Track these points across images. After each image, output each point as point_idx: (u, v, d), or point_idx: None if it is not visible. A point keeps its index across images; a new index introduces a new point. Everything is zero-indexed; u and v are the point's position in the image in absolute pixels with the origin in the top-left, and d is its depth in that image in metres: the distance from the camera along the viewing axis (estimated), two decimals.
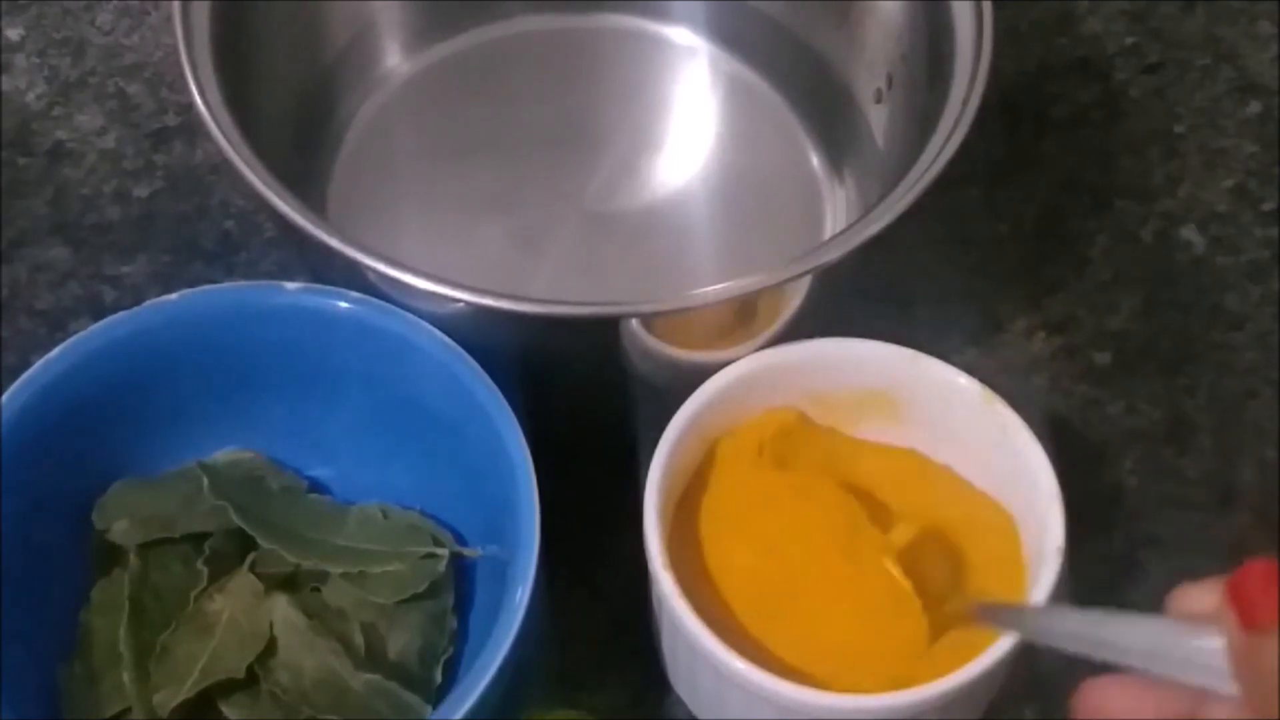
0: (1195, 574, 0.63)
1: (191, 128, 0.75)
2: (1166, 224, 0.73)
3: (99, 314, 0.63)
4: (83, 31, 0.79)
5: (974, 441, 0.58)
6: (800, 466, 0.59)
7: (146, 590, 0.57)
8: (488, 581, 0.59)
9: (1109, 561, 0.64)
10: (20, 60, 0.78)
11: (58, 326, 0.70)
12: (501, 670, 0.51)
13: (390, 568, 0.58)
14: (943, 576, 0.57)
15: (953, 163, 0.58)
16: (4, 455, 0.56)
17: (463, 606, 0.59)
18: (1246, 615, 0.40)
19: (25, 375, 0.57)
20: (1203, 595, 0.43)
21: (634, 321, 0.56)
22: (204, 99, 0.59)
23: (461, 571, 0.60)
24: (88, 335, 0.58)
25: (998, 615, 0.53)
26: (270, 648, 0.56)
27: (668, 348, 0.58)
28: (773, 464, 0.58)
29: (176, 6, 0.61)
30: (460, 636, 0.59)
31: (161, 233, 0.73)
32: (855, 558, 0.56)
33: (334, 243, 0.56)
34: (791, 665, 0.55)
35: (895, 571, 0.55)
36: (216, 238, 0.73)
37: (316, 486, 0.63)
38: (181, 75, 0.60)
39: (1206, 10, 0.80)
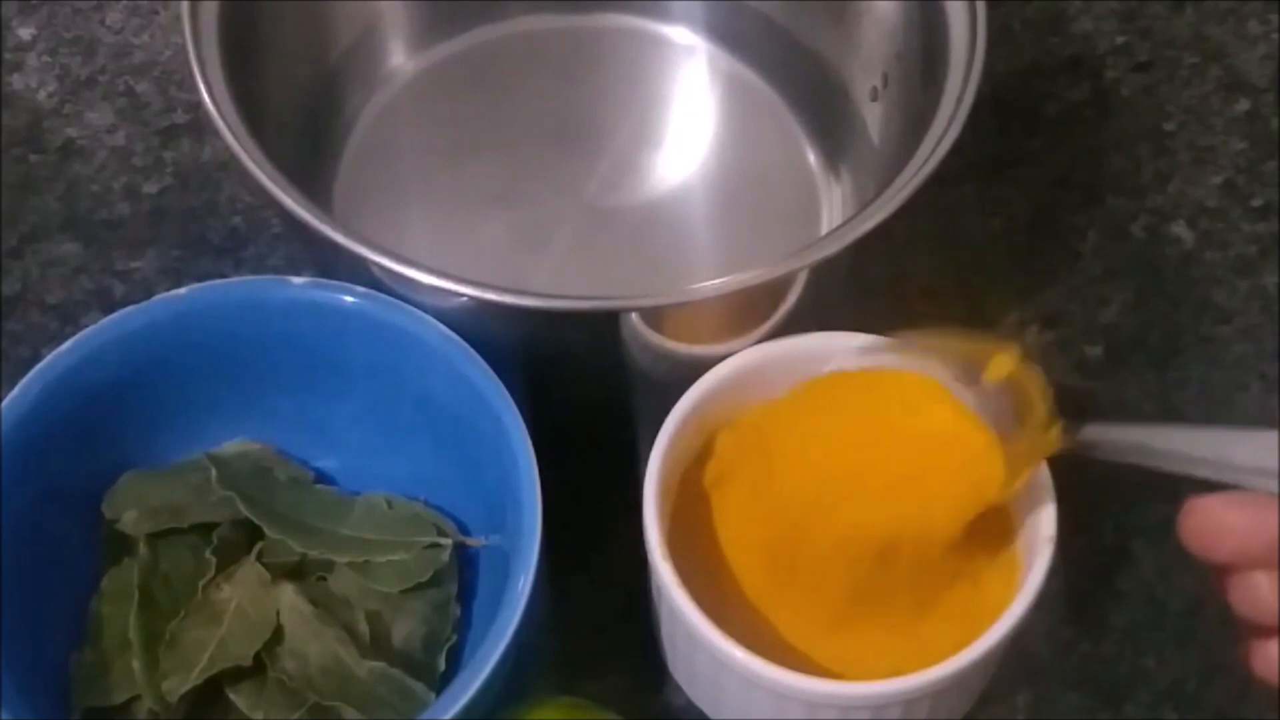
0: (1185, 564, 0.63)
1: (200, 125, 0.75)
2: (1156, 220, 0.74)
3: (109, 308, 0.63)
4: (93, 31, 0.79)
5: None
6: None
7: (155, 579, 0.58)
8: (490, 570, 0.59)
9: (1100, 551, 0.65)
10: (32, 59, 0.78)
11: (68, 320, 0.70)
12: (504, 658, 0.52)
13: (395, 557, 0.58)
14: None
15: (946, 160, 0.58)
16: (16, 447, 0.56)
17: (466, 595, 0.60)
18: None
19: (36, 368, 0.57)
20: None
21: (634, 315, 0.56)
22: (212, 97, 0.60)
23: (465, 560, 0.60)
24: (98, 329, 0.59)
25: (1098, 444, 0.53)
26: (277, 636, 0.57)
27: (667, 341, 0.58)
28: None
29: (185, 6, 0.61)
30: (464, 624, 0.59)
31: (170, 228, 0.73)
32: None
33: (339, 238, 0.56)
34: (791, 652, 0.56)
35: None
36: (224, 233, 0.73)
37: (322, 477, 0.63)
38: (190, 74, 0.60)
39: (1195, 10, 0.80)
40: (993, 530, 0.57)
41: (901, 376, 0.56)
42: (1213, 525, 0.48)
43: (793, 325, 0.59)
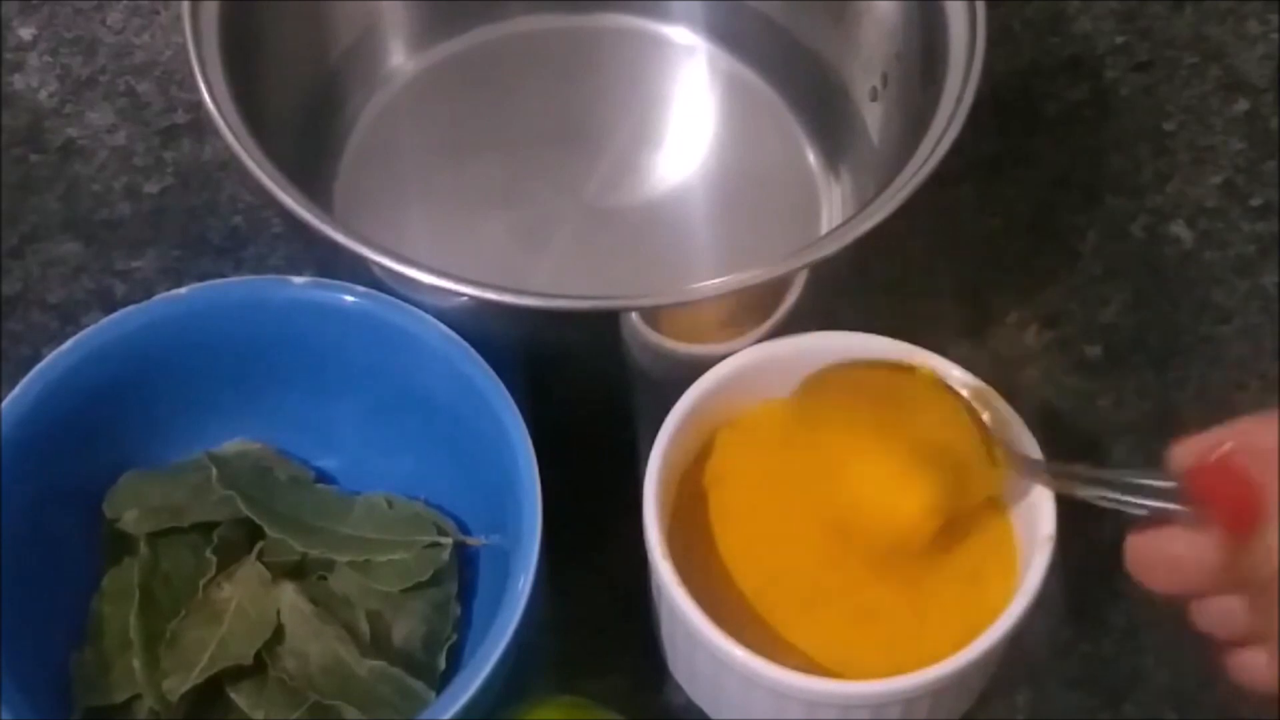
0: None
1: (200, 125, 0.75)
2: (1156, 219, 0.74)
3: (110, 308, 0.63)
4: (94, 31, 0.79)
5: None
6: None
7: (156, 578, 0.58)
8: (491, 569, 0.59)
9: (1099, 549, 0.65)
10: (33, 59, 0.78)
11: (69, 320, 0.70)
12: (504, 657, 0.52)
13: (395, 556, 0.58)
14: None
15: (946, 159, 0.58)
16: (17, 446, 0.56)
17: (466, 594, 0.60)
18: None
19: (37, 368, 0.57)
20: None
21: (634, 315, 0.56)
22: (212, 97, 0.60)
23: (465, 560, 0.60)
24: (99, 329, 0.59)
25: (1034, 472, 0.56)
26: (278, 635, 0.57)
27: (667, 341, 0.58)
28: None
29: (185, 6, 0.61)
30: (464, 623, 0.59)
31: (171, 228, 0.73)
32: (849, 545, 0.57)
33: (340, 238, 0.56)
34: (792, 651, 0.56)
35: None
36: (225, 233, 0.73)
37: (323, 477, 0.63)
38: (190, 74, 0.60)
39: (1195, 10, 0.80)
40: (993, 530, 0.57)
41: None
42: (1159, 560, 0.50)
43: (793, 325, 0.60)
